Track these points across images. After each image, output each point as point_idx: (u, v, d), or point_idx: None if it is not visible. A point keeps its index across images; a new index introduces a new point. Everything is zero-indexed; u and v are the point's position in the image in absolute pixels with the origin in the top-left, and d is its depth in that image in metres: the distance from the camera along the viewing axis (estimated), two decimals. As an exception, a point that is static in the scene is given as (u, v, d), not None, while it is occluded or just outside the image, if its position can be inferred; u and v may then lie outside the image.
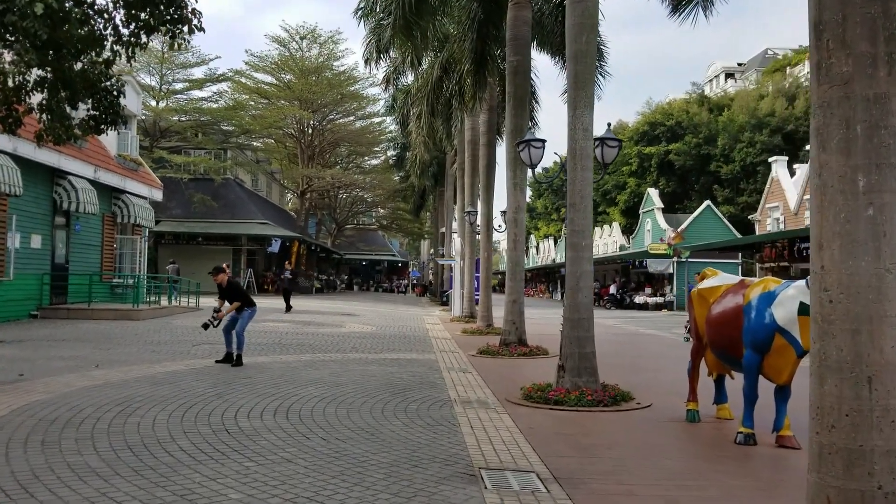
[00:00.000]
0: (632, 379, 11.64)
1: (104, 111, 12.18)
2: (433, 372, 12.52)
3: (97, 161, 24.52)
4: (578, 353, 9.91)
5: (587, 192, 10.07)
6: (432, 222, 66.43)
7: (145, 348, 14.55)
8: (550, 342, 17.38)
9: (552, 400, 9.54)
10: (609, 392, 9.80)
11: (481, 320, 22.73)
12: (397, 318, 27.69)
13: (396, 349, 16.24)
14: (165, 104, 45.40)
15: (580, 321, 9.98)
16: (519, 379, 12.12)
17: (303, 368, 12.25)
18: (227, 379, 10.83)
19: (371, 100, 56.34)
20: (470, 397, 10.03)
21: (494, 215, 23.76)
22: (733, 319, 8.04)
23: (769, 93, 52.43)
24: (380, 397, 9.72)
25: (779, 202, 33.76)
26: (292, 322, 22.83)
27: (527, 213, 28.67)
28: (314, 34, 53.16)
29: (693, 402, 9.03)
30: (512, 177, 16.21)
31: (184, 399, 9.13)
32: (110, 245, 26.43)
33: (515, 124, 16.15)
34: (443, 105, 24.17)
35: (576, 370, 9.88)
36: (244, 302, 12.79)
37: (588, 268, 10.06)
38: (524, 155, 11.73)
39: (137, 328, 18.98)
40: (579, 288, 10.00)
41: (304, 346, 16.00)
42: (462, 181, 32.87)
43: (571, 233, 10.09)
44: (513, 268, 16.25)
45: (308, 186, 55.61)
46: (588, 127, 10.13)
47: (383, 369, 12.53)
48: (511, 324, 16.12)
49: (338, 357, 14.14)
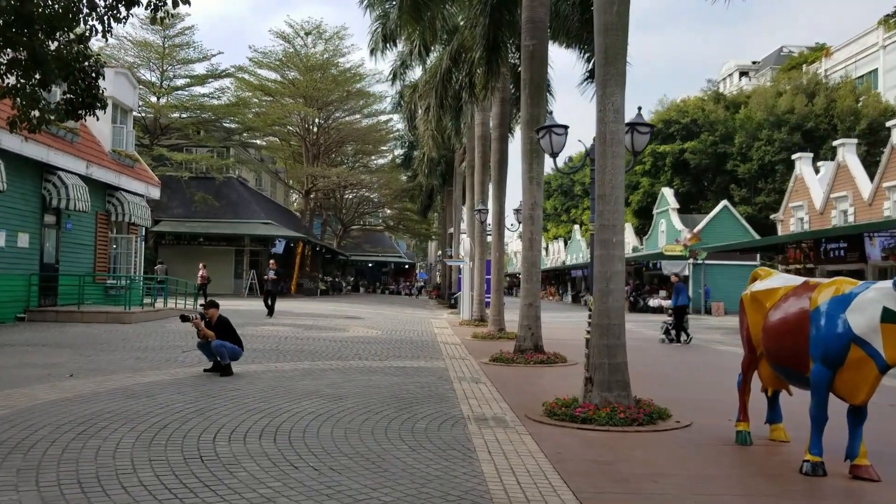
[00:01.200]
0: (663, 392, 10.44)
1: (81, 94, 11.06)
2: (443, 382, 11.34)
3: (90, 156, 23.43)
4: (608, 363, 8.71)
5: (618, 182, 8.88)
6: (440, 223, 65.27)
7: (130, 355, 13.40)
8: (568, 348, 16.22)
9: (579, 418, 8.34)
10: (644, 409, 8.60)
11: (493, 324, 21.53)
12: (404, 322, 26.53)
13: (403, 356, 15.07)
14: (166, 100, 44.34)
15: (610, 328, 8.78)
16: (538, 391, 10.94)
17: (299, 378, 11.08)
18: (213, 391, 9.67)
19: (377, 97, 55.28)
20: (485, 413, 8.84)
21: (506, 213, 22.55)
22: (797, 327, 6.84)
23: (787, 90, 50.96)
24: (383, 414, 8.54)
25: (803, 201, 32.45)
26: (293, 326, 21.68)
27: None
28: (319, 30, 52.12)
29: (744, 423, 7.83)
30: (528, 170, 15.01)
31: (158, 416, 7.97)
32: (104, 244, 25.32)
33: (532, 113, 14.96)
34: (452, 97, 22.99)
35: (606, 383, 8.68)
36: (233, 341, 11.47)
37: (619, 268, 8.86)
38: (545, 143, 10.54)
39: (127, 332, 17.86)
40: (610, 291, 8.80)
41: (303, 352, 14.83)
42: (471, 179, 31.70)
43: (601, 228, 8.90)
44: (529, 268, 15.04)
45: (313, 186, 54.50)
46: (619, 108, 8.95)
47: (388, 379, 11.36)
48: (527, 329, 14.91)
49: (339, 365, 12.96)
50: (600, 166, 8.91)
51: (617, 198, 8.82)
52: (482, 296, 26.91)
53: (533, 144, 15.01)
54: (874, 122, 45.19)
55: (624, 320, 8.96)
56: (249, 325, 21.21)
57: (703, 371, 14.63)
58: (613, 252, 8.80)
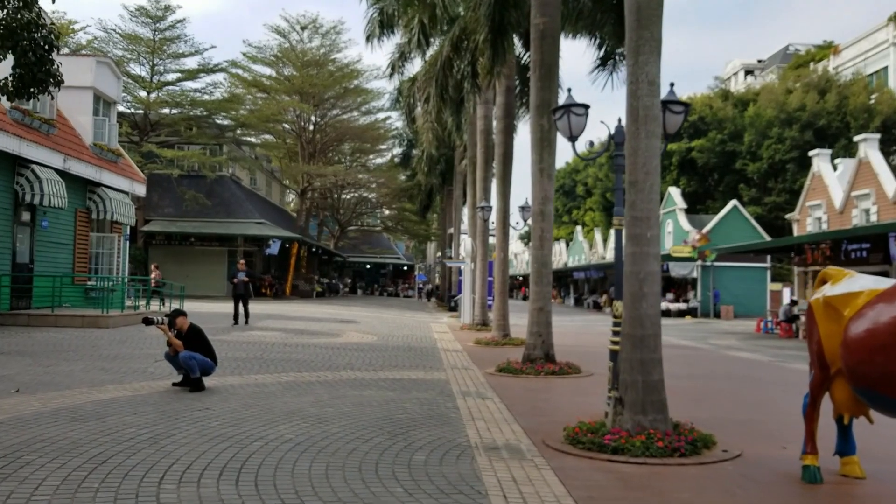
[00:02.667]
0: (698, 412, 9.05)
1: (31, 69, 9.66)
2: (445, 398, 9.93)
3: (68, 150, 22.05)
4: (643, 381, 7.32)
5: (653, 167, 7.49)
6: (439, 223, 63.87)
7: (95, 364, 11.99)
8: (580, 357, 14.84)
9: (609, 447, 6.96)
10: (684, 435, 7.22)
11: (497, 329, 20.15)
12: (402, 326, 25.12)
13: (400, 365, 13.66)
14: (156, 96, 42.92)
15: (645, 339, 7.39)
16: (554, 409, 9.55)
17: (280, 394, 9.67)
18: (176, 411, 8.26)
19: (375, 94, 53.83)
20: (496, 440, 7.45)
21: (511, 211, 21.17)
22: (891, 342, 5.47)
23: (797, 87, 49.48)
24: (374, 442, 7.14)
25: (821, 200, 31.05)
26: (283, 331, 20.27)
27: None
28: (315, 24, 50.65)
29: (812, 455, 6.44)
30: (538, 161, 13.61)
31: (102, 446, 6.57)
32: (84, 244, 23.91)
33: (542, 98, 13.58)
34: (453, 88, 21.58)
35: (639, 405, 7.29)
36: (206, 354, 9.97)
37: (655, 267, 7.47)
38: (562, 125, 9.15)
39: (101, 338, 16.46)
40: (643, 295, 7.40)
41: (290, 361, 13.41)
42: (473, 176, 30.33)
43: (632, 221, 7.51)
44: (539, 269, 13.62)
45: (309, 185, 53.06)
46: (654, 79, 7.57)
47: (382, 395, 9.96)
48: (536, 336, 13.50)
49: (327, 377, 11.55)
50: (632, 148, 7.53)
51: (652, 185, 7.44)
52: (484, 299, 25.54)
53: (543, 133, 13.64)
54: (888, 120, 43.81)
55: (660, 329, 7.56)
56: (235, 330, 19.82)
57: (732, 384, 13.25)
58: (647, 249, 7.41)
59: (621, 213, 8.99)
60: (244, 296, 21.48)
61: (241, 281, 21.43)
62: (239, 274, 21.60)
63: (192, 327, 9.98)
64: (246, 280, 21.58)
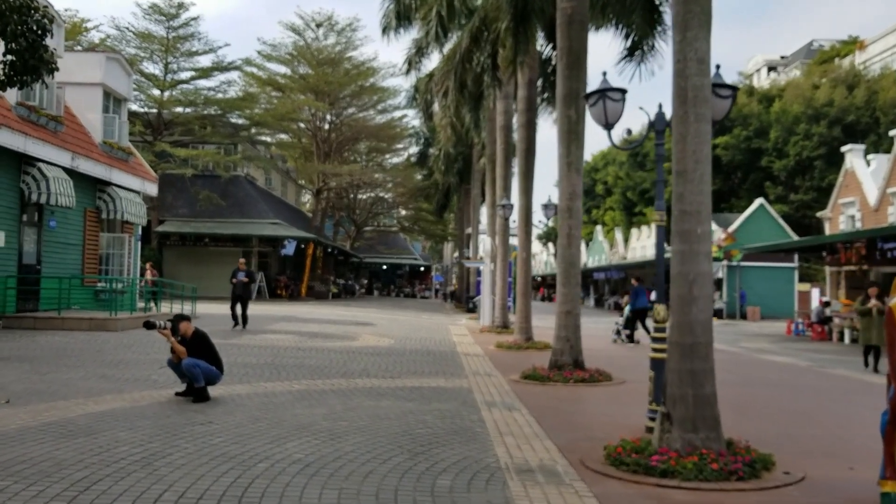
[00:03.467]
0: (744, 425, 8.24)
1: (24, 56, 8.98)
2: (468, 410, 9.16)
3: (76, 147, 21.47)
4: (693, 395, 6.52)
5: (704, 154, 6.68)
6: (456, 223, 63.08)
7: (96, 371, 11.32)
8: (608, 362, 14.04)
9: (658, 469, 6.16)
10: (740, 455, 6.41)
11: (519, 332, 19.35)
12: (419, 329, 24.37)
13: (418, 372, 12.91)
14: (170, 94, 42.41)
15: (695, 347, 6.59)
16: (588, 422, 8.75)
17: (291, 405, 8.93)
18: (175, 426, 7.53)
19: (391, 92, 53.15)
20: (529, 461, 6.66)
21: (533, 209, 20.38)
22: None
23: (823, 83, 48.28)
24: (393, 462, 6.38)
25: (854, 197, 29.99)
26: (297, 334, 19.57)
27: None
28: (331, 22, 50.07)
29: (892, 482, 5.62)
30: (565, 155, 12.80)
31: (89, 468, 5.85)
32: (94, 244, 23.33)
33: (570, 87, 12.77)
34: (472, 82, 20.78)
35: (690, 422, 6.49)
36: (211, 362, 9.26)
37: (706, 268, 6.66)
38: (596, 111, 8.36)
39: (108, 342, 15.81)
40: (693, 298, 6.59)
41: (303, 368, 12.68)
42: (492, 174, 29.51)
43: (680, 216, 6.70)
44: (566, 269, 12.80)
45: (324, 184, 52.45)
46: (704, 57, 6.76)
47: (401, 406, 9.20)
48: (564, 341, 12.69)
49: (342, 385, 10.81)
50: (679, 134, 6.72)
51: (702, 175, 6.63)
52: (505, 300, 24.74)
53: (571, 125, 12.84)
54: (919, 115, 42.70)
55: (712, 337, 6.74)
56: (247, 333, 19.15)
57: (773, 391, 12.38)
58: (698, 247, 6.60)
59: (662, 208, 8.21)
60: (243, 297, 20.27)
61: (239, 281, 20.16)
62: (238, 274, 20.27)
63: (197, 333, 9.26)
64: (245, 280, 20.33)
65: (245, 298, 20.31)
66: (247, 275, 20.48)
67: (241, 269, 20.44)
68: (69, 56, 23.75)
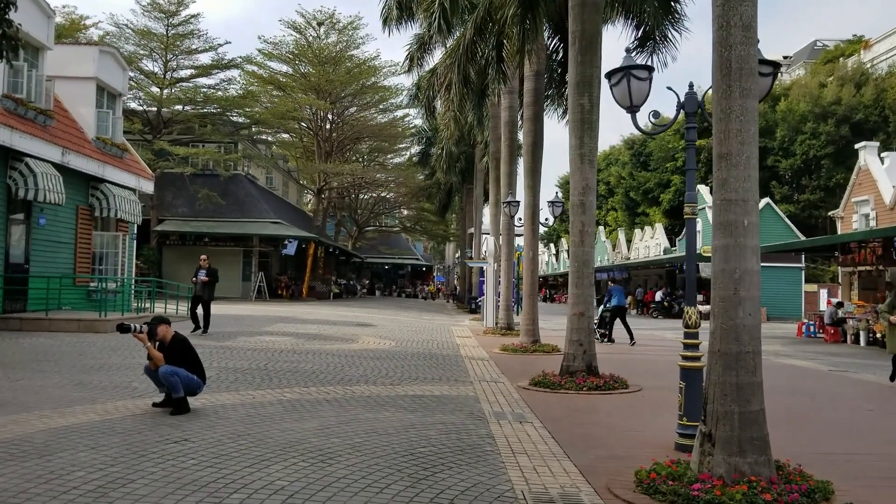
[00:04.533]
0: (784, 442, 7.37)
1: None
2: (475, 423, 8.30)
3: (67, 142, 20.64)
4: (739, 412, 5.66)
5: (751, 134, 5.80)
6: (458, 223, 62.27)
7: (73, 378, 10.47)
8: (619, 366, 13.17)
9: (701, 500, 5.29)
10: (794, 482, 5.55)
11: (525, 335, 18.49)
12: (421, 330, 23.51)
13: (421, 377, 12.05)
14: (170, 92, 41.58)
15: (742, 357, 5.72)
16: (610, 437, 7.88)
17: (279, 418, 8.08)
18: (146, 444, 6.68)
19: (393, 90, 52.31)
20: (547, 487, 5.80)
21: (540, 206, 19.53)
22: None
23: (830, 81, 47.38)
24: (392, 491, 5.52)
25: (868, 195, 29.09)
26: (295, 336, 18.73)
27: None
28: (332, 20, 49.22)
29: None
30: (577, 146, 11.94)
31: (32, 501, 5.01)
32: (86, 242, 22.51)
33: (583, 74, 11.91)
34: (476, 74, 19.93)
35: (735, 443, 5.63)
36: (192, 370, 8.36)
37: (754, 264, 5.79)
38: (620, 91, 7.51)
39: (94, 344, 14.97)
40: (740, 300, 5.73)
41: (297, 373, 11.82)
42: (496, 172, 28.67)
43: (724, 205, 5.83)
44: (579, 269, 11.93)
45: (325, 184, 51.61)
46: (750, 23, 5.89)
47: (401, 418, 8.34)
48: (577, 345, 11.82)
49: (338, 394, 9.96)
50: (722, 111, 5.85)
51: (749, 158, 5.76)
52: (509, 301, 23.90)
53: (584, 113, 11.98)
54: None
55: (760, 345, 5.88)
56: (242, 334, 18.32)
57: (804, 401, 11.49)
58: (745, 241, 5.74)
59: (693, 199, 7.37)
60: (203, 298, 18.30)
61: (200, 281, 18.23)
62: (199, 272, 18.34)
63: (177, 338, 8.41)
64: (205, 280, 18.25)
65: (206, 300, 18.43)
66: (208, 273, 18.44)
67: (202, 266, 18.57)
68: (61, 49, 22.99)
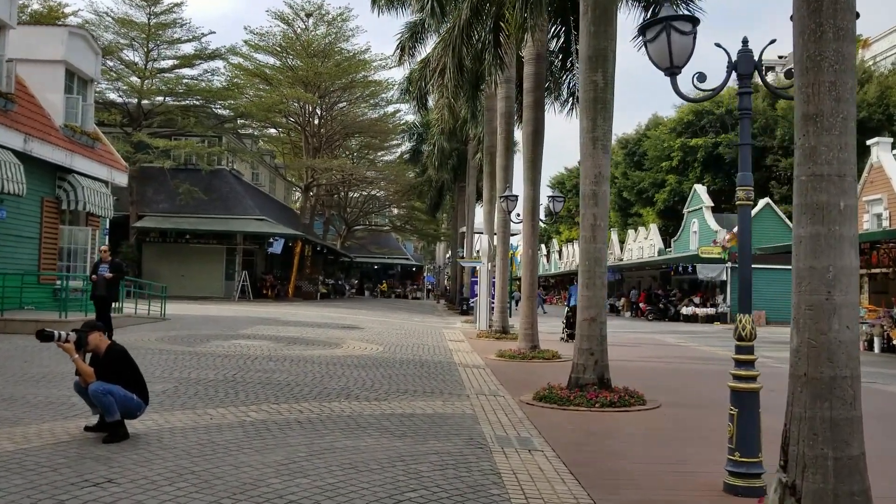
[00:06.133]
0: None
1: None
2: (476, 452, 6.88)
3: (31, 129, 19.11)
4: (834, 458, 4.28)
5: (848, 89, 4.43)
6: (450, 223, 60.89)
7: (5, 391, 8.99)
8: (630, 376, 11.76)
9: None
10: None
11: (523, 339, 17.10)
12: (411, 333, 22.06)
13: (410, 390, 10.62)
14: (152, 83, 39.98)
15: (836, 383, 4.34)
16: (639, 472, 6.47)
17: (237, 448, 6.62)
18: (56, 488, 5.21)
19: (384, 85, 50.89)
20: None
21: (540, 201, 18.16)
22: None
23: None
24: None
25: (881, 193, 27.87)
26: (274, 339, 17.27)
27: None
28: (321, 11, 47.75)
29: None
30: (590, 129, 10.54)
31: None
32: (52, 237, 20.97)
33: (596, 47, 10.51)
34: (472, 59, 18.57)
35: (829, 498, 4.24)
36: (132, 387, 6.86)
37: (852, 261, 4.43)
38: (657, 49, 6.12)
39: (45, 349, 13.34)
40: (834, 307, 4.34)
41: (269, 385, 10.37)
42: (491, 167, 27.33)
43: (811, 182, 4.45)
44: (590, 268, 10.52)
45: (313, 180, 50.09)
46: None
47: (387, 446, 6.91)
48: (588, 355, 10.40)
49: (313, 413, 8.52)
50: (810, 57, 4.47)
51: (845, 119, 4.39)
52: (505, 303, 22.50)
53: (598, 92, 10.58)
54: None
55: (859, 368, 4.49)
56: (217, 338, 16.85)
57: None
58: (840, 229, 4.37)
59: (748, 181, 5.97)
60: (103, 298, 15.09)
61: (100, 277, 14.85)
62: (100, 267, 15.04)
63: (113, 348, 6.90)
64: (109, 277, 14.83)
65: (107, 300, 15.23)
66: (112, 268, 15.07)
67: (104, 260, 15.27)
68: (27, 30, 21.50)
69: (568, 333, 21.02)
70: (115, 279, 15.28)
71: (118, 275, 15.39)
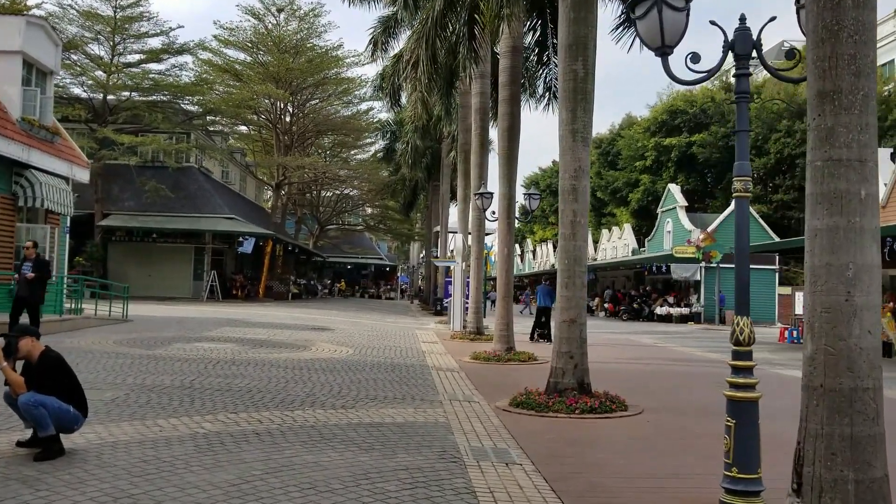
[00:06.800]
0: None
1: None
2: (449, 467, 6.32)
3: (-17, 122, 18.28)
4: (855, 480, 3.79)
5: (867, 63, 3.92)
6: (424, 222, 60.33)
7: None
8: (608, 379, 11.26)
9: None
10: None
11: (498, 341, 16.58)
12: (383, 335, 21.44)
13: (380, 396, 10.03)
14: (117, 78, 38.93)
15: (857, 395, 3.84)
16: (625, 488, 5.95)
17: (184, 465, 5.99)
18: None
19: (357, 82, 50.21)
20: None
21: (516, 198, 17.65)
22: None
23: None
24: None
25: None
26: (239, 342, 16.59)
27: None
28: (293, 6, 46.95)
29: None
30: (569, 121, 10.03)
31: None
32: (8, 235, 20.09)
33: (576, 34, 10.00)
34: (446, 52, 18.02)
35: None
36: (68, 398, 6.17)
37: (874, 257, 3.95)
38: (647, 27, 5.58)
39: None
40: (854, 310, 3.85)
41: (228, 392, 9.74)
42: (465, 165, 26.83)
43: (828, 167, 3.95)
44: (570, 267, 10.01)
45: (285, 178, 49.24)
46: None
47: (352, 461, 6.33)
48: (567, 358, 9.88)
49: (273, 422, 7.91)
50: (825, 27, 3.98)
51: (867, 97, 3.91)
52: (479, 303, 21.97)
53: (577, 82, 10.07)
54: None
55: (882, 379, 3.99)
56: (179, 340, 16.16)
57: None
58: (861, 222, 3.87)
59: (745, 171, 5.47)
60: (27, 299, 13.76)
61: (23, 277, 13.57)
62: (24, 266, 13.78)
63: (47, 356, 6.22)
64: (30, 277, 13.47)
65: (34, 303, 13.87)
66: (36, 267, 13.68)
67: (27, 258, 13.90)
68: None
69: (539, 333, 20.80)
70: (39, 279, 13.73)
71: (41, 274, 13.78)
